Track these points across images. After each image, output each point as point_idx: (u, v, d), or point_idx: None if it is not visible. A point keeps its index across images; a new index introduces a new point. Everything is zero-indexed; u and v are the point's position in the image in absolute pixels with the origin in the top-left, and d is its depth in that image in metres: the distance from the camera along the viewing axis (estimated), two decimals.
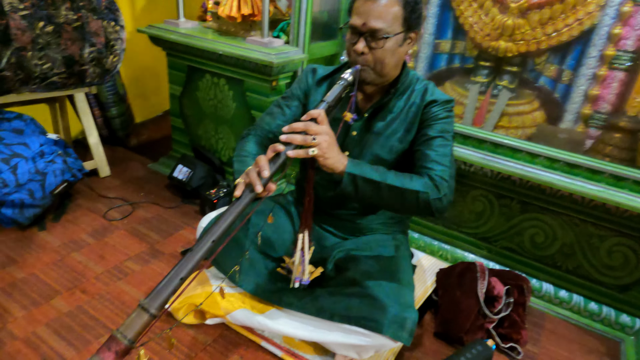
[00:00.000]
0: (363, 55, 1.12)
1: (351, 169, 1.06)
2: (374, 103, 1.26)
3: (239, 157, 1.27)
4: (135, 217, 1.91)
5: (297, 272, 1.19)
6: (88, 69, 1.78)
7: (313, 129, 1.00)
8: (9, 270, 1.52)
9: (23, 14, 1.53)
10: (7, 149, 1.66)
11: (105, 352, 0.75)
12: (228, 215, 0.92)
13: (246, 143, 1.31)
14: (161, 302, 0.80)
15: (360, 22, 1.10)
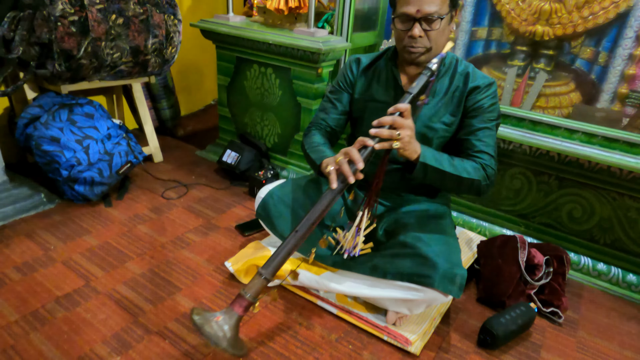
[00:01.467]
0: (420, 39, 1.22)
1: (425, 158, 1.18)
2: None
3: (311, 148, 1.43)
4: (190, 197, 2.06)
5: (349, 245, 1.30)
6: (150, 58, 1.95)
7: (399, 122, 1.11)
8: (86, 239, 1.68)
9: (99, 8, 1.70)
10: (80, 131, 1.83)
11: (236, 306, 1.08)
12: (324, 201, 1.12)
13: (312, 136, 1.48)
14: (272, 269, 1.10)
15: (413, 9, 1.20)
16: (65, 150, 1.78)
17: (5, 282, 1.42)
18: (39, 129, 1.77)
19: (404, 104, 1.15)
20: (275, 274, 1.12)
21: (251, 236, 1.79)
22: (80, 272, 1.50)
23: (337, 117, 1.49)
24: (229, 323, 1.06)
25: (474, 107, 1.30)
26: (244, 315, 1.09)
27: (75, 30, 1.65)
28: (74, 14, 1.64)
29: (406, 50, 1.27)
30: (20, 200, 1.79)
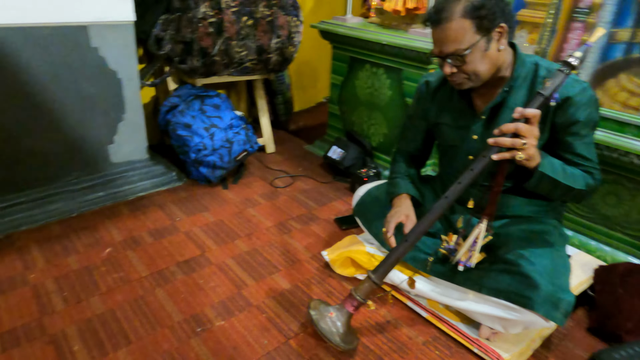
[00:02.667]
0: (455, 73, 1.16)
1: (544, 167, 1.11)
2: (491, 103, 1.24)
3: (390, 178, 1.52)
4: (295, 187, 2.20)
5: (464, 257, 1.26)
6: (272, 57, 2.11)
7: (524, 130, 1.03)
8: (204, 215, 1.90)
9: (233, 10, 1.90)
10: (208, 120, 2.07)
11: (347, 304, 1.18)
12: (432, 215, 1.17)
13: (395, 164, 1.55)
14: (380, 274, 1.17)
15: (437, 50, 1.15)
16: (195, 136, 2.02)
17: (140, 243, 1.68)
18: (176, 116, 2.05)
19: (532, 108, 1.05)
20: (384, 278, 1.18)
21: (348, 230, 1.84)
22: (198, 242, 1.71)
23: (417, 143, 1.51)
24: (340, 320, 1.17)
25: (568, 124, 1.15)
26: (354, 313, 1.19)
27: (212, 30, 1.87)
28: (213, 16, 1.85)
29: (450, 82, 1.22)
30: (157, 177, 2.09)
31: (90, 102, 1.84)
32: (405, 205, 1.38)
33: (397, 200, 1.42)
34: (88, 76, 1.79)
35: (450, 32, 1.09)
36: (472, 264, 1.25)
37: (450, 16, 1.09)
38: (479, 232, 1.23)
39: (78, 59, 1.74)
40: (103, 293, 1.41)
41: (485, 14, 1.08)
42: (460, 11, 1.08)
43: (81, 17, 1.69)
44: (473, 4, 1.08)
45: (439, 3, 1.12)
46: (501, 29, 1.12)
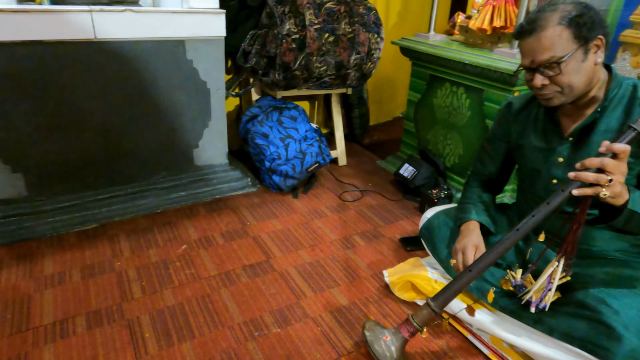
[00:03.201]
0: (544, 87, 1.08)
1: (634, 205, 1.02)
2: (580, 123, 1.15)
3: (461, 202, 1.48)
4: (363, 202, 2.20)
5: (536, 296, 1.18)
6: (351, 72, 2.15)
7: (611, 166, 0.95)
8: (273, 222, 1.98)
9: (316, 27, 1.96)
10: (284, 130, 2.15)
11: (403, 329, 1.17)
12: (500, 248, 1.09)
13: (469, 188, 1.50)
14: (441, 302, 1.13)
15: (527, 61, 1.08)
16: (271, 145, 2.12)
17: (212, 243, 1.80)
18: (256, 126, 2.16)
19: (622, 144, 0.96)
20: (444, 307, 1.15)
21: (413, 252, 1.80)
22: (264, 248, 1.78)
23: (494, 167, 1.44)
24: (395, 344, 1.16)
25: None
26: (409, 339, 1.17)
27: (295, 46, 1.95)
28: (297, 33, 1.94)
29: (538, 97, 1.14)
30: (234, 181, 2.22)
31: (181, 109, 2.01)
32: (474, 235, 1.33)
33: (466, 228, 1.37)
34: (181, 85, 1.96)
35: (545, 40, 1.04)
36: (545, 306, 1.16)
37: (545, 24, 1.05)
38: (554, 270, 1.15)
39: (174, 69, 1.92)
40: (175, 287, 1.53)
41: (584, 22, 1.03)
42: (557, 19, 1.04)
43: (181, 32, 1.86)
44: (571, 12, 1.03)
45: (533, 14, 1.08)
46: (599, 41, 1.06)
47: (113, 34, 1.73)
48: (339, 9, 2.01)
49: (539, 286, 1.17)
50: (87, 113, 1.80)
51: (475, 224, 1.37)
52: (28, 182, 1.80)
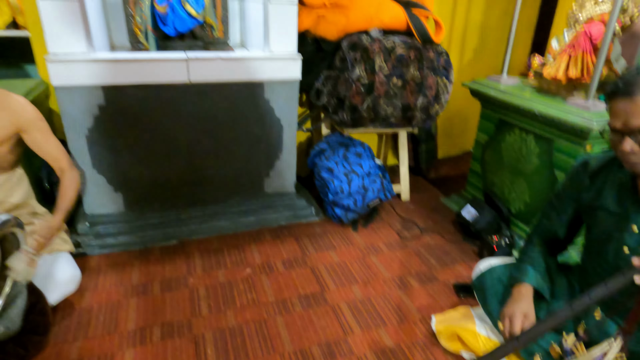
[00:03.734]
0: (634, 153, 1.04)
1: None
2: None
3: (519, 260, 1.45)
4: (421, 241, 2.23)
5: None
6: (417, 114, 2.21)
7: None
8: (330, 253, 2.09)
9: (385, 73, 2.06)
10: (349, 166, 2.27)
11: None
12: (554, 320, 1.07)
13: (530, 245, 1.47)
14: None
15: (619, 123, 1.04)
16: (335, 180, 2.24)
17: (273, 269, 1.96)
18: (322, 160, 2.30)
19: None
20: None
21: (465, 299, 1.81)
22: (320, 280, 1.90)
23: (561, 226, 1.40)
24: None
25: None
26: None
27: (363, 90, 2.07)
28: (366, 78, 2.05)
29: (623, 161, 1.09)
30: (299, 210, 2.38)
31: (256, 142, 2.21)
32: (525, 301, 1.32)
33: (518, 291, 1.36)
34: (258, 121, 2.16)
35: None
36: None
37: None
38: (609, 347, 1.12)
39: (253, 107, 2.13)
40: (237, 309, 1.70)
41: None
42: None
43: (261, 76, 2.06)
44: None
45: (631, 75, 1.05)
46: None
47: (204, 78, 1.97)
48: (408, 55, 2.09)
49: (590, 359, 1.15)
50: (176, 143, 2.07)
51: (529, 289, 1.36)
52: (126, 200, 2.11)
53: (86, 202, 2.06)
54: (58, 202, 1.63)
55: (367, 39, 2.08)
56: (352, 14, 2.06)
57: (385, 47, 2.07)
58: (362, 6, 2.05)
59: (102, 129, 1.93)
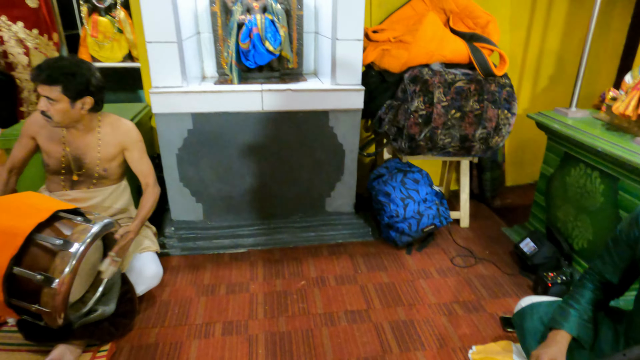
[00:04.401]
0: None
1: None
2: None
3: (565, 302, 1.41)
4: (474, 270, 2.25)
5: None
6: (476, 145, 2.25)
7: None
8: (381, 274, 2.20)
9: (444, 105, 2.14)
10: (406, 191, 2.37)
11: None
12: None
13: (580, 287, 1.41)
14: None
15: None
16: (392, 204, 2.35)
17: (325, 284, 2.12)
18: (380, 184, 2.43)
19: None
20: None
21: (511, 334, 1.81)
22: (367, 298, 2.02)
23: (615, 272, 1.35)
24: None
25: None
26: None
27: (420, 121, 2.17)
28: (424, 110, 2.15)
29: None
30: (356, 229, 2.52)
31: (319, 165, 2.41)
32: (557, 347, 1.30)
33: (553, 336, 1.34)
34: (322, 146, 2.36)
35: None
36: None
37: None
38: None
39: (317, 133, 2.33)
40: (289, 316, 1.89)
41: None
42: None
43: (326, 105, 2.26)
44: None
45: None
46: None
47: (275, 107, 2.23)
48: (468, 88, 2.15)
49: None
50: (250, 164, 2.34)
51: (565, 336, 1.33)
52: (205, 210, 2.43)
53: (172, 210, 2.41)
54: (138, 212, 1.95)
55: (428, 72, 2.18)
56: (414, 49, 2.18)
57: (445, 79, 2.15)
58: (424, 42, 2.16)
59: (189, 149, 2.26)
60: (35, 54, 2.62)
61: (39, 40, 2.60)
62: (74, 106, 1.78)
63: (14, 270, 1.50)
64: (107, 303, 1.76)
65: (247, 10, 2.31)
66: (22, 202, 1.67)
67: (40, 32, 2.58)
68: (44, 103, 1.74)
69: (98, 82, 1.84)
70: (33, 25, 2.55)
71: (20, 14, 2.51)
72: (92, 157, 1.92)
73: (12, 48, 2.55)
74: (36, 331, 1.66)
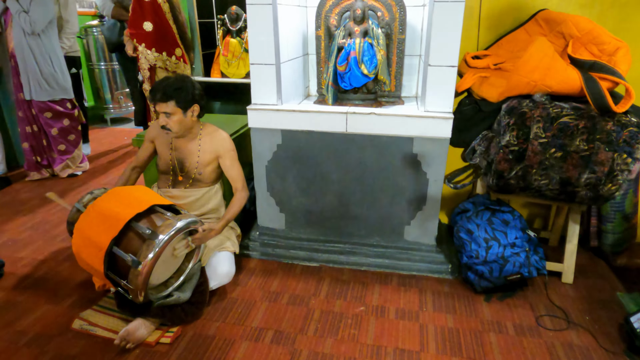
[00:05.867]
0: None
1: None
2: None
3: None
4: (562, 335, 1.92)
5: None
6: (580, 191, 1.93)
7: None
8: (447, 317, 2.04)
9: (542, 142, 1.90)
10: (491, 232, 2.15)
11: None
12: None
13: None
14: None
15: None
16: (473, 243, 2.16)
17: (384, 314, 2.06)
18: (463, 220, 2.25)
19: None
20: None
21: None
22: (423, 339, 1.90)
23: None
24: None
25: None
26: None
27: (511, 157, 1.95)
28: (516, 145, 1.93)
29: None
30: (434, 264, 2.38)
31: (401, 191, 2.35)
32: None
33: None
34: (404, 172, 2.30)
35: None
36: None
37: None
38: None
39: (401, 159, 2.28)
40: (337, 339, 1.90)
41: None
42: None
43: (411, 132, 2.20)
44: None
45: None
46: None
47: (359, 129, 2.25)
48: (576, 124, 1.86)
49: None
50: (331, 182, 2.40)
51: None
52: (287, 221, 2.57)
53: (259, 216, 2.62)
54: (225, 213, 2.17)
55: (529, 103, 1.96)
56: (513, 79, 1.97)
57: (548, 113, 1.90)
58: (525, 72, 1.94)
59: (277, 162, 2.43)
60: (158, 70, 3.14)
61: (159, 56, 3.10)
62: (186, 115, 2.09)
63: (113, 249, 1.83)
64: (184, 291, 2.02)
65: (348, 35, 2.39)
66: (131, 194, 2.02)
67: (157, 50, 3.09)
68: (163, 118, 2.08)
69: (200, 91, 2.13)
70: (152, 45, 3.06)
71: (143, 37, 3.06)
72: (192, 161, 2.21)
73: (143, 64, 3.10)
74: (125, 302, 1.99)
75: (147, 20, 3.03)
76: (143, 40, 3.07)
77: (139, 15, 3.04)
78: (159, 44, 3.09)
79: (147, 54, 3.09)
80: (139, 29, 3.05)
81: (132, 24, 3.07)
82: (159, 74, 3.16)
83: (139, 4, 3.02)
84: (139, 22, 3.04)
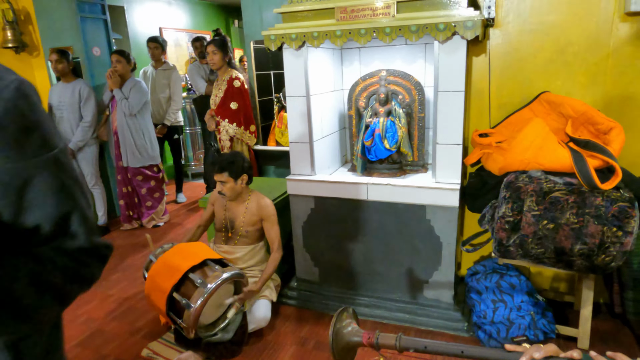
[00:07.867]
0: None
1: None
2: None
3: None
4: None
5: None
6: (576, 260, 2.07)
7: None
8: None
9: (534, 214, 2.11)
10: (499, 294, 2.33)
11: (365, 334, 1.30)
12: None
13: None
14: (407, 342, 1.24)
15: None
16: (482, 303, 2.35)
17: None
18: (474, 282, 2.45)
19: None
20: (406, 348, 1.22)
21: None
22: None
23: None
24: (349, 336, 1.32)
25: None
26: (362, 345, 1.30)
27: (507, 227, 2.17)
28: (511, 216, 2.16)
29: None
30: (450, 321, 2.57)
31: (418, 252, 2.62)
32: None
33: None
34: (419, 236, 2.58)
35: None
36: None
37: None
38: None
39: (416, 224, 2.57)
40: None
41: None
42: None
43: (424, 200, 2.51)
44: None
45: None
46: None
47: (378, 197, 2.61)
48: (566, 199, 2.05)
49: None
50: (356, 241, 2.75)
51: None
52: (320, 274, 2.94)
53: (297, 269, 3.02)
54: (262, 274, 2.59)
55: (525, 178, 2.19)
56: (509, 157, 2.23)
57: (541, 188, 2.11)
58: (518, 151, 2.19)
59: (311, 223, 2.85)
60: (235, 141, 3.76)
61: (238, 130, 3.73)
62: (237, 183, 2.61)
63: (173, 294, 2.34)
64: (227, 332, 2.45)
65: (374, 114, 2.82)
66: (189, 249, 2.55)
67: (238, 125, 3.71)
68: (219, 185, 2.62)
69: (248, 164, 2.64)
70: (233, 120, 3.70)
71: (227, 114, 3.70)
72: (239, 221, 2.71)
73: (223, 135, 3.76)
74: (181, 338, 2.48)
75: (234, 100, 3.71)
76: (227, 116, 3.73)
77: (229, 98, 3.71)
78: (240, 120, 3.74)
79: (229, 127, 3.73)
80: (226, 108, 3.73)
81: (221, 104, 3.75)
82: (235, 145, 3.79)
83: (230, 89, 3.70)
84: (228, 103, 3.71)
